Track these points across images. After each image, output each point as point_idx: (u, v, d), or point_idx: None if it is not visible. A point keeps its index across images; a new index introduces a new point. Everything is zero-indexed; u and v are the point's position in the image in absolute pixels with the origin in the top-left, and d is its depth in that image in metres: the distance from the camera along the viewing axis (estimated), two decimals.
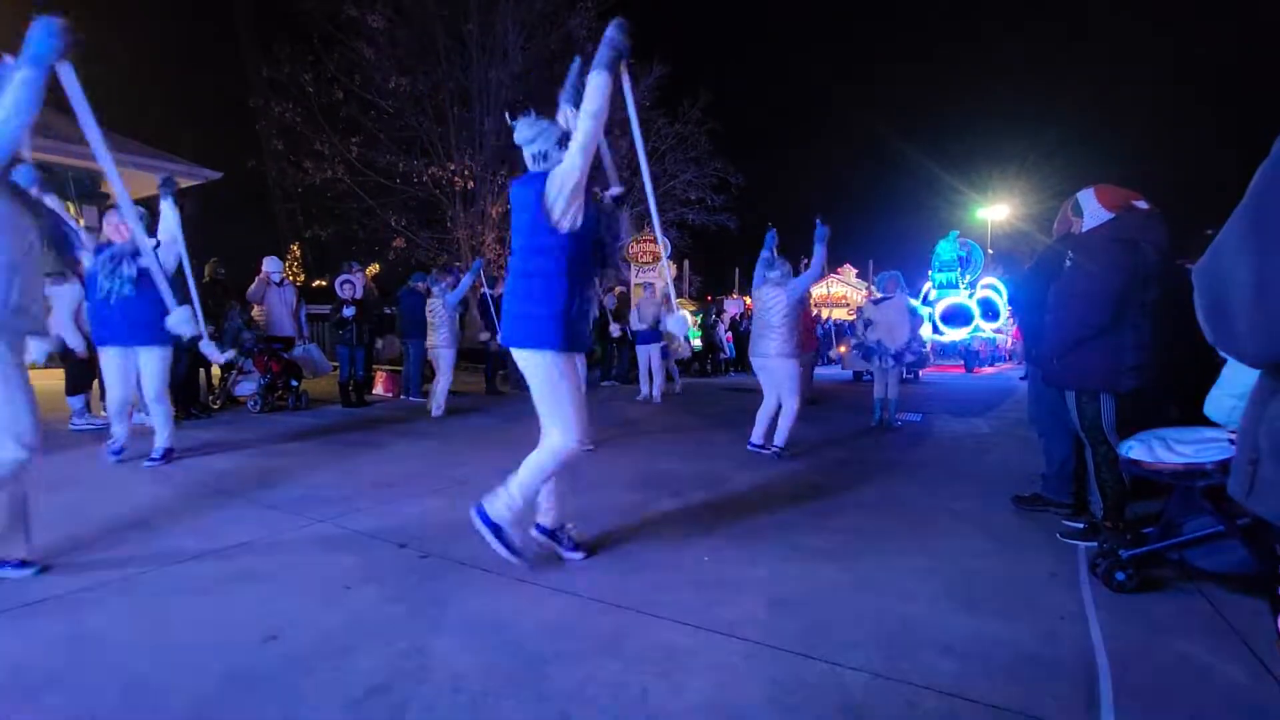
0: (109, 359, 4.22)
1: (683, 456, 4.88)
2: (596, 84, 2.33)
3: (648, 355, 8.58)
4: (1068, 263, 2.91)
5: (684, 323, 2.94)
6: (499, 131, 14.34)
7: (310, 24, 13.50)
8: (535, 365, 2.45)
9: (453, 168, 14.51)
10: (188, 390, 6.22)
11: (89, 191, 10.50)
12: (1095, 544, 2.75)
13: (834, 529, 3.11)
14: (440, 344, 7.01)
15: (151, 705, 1.61)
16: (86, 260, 4.07)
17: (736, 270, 23.82)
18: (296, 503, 3.39)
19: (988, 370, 15.93)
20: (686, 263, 19.01)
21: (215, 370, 7.00)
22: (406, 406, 7.46)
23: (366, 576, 2.42)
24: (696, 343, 13.46)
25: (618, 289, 12.47)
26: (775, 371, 4.81)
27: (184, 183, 9.97)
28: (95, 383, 5.70)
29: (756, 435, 4.92)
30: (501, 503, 2.41)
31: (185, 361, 6.08)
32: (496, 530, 2.40)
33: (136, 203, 3.35)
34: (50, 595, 2.21)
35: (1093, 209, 2.78)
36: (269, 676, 1.73)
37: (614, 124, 15.23)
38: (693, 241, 17.90)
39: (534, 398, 2.49)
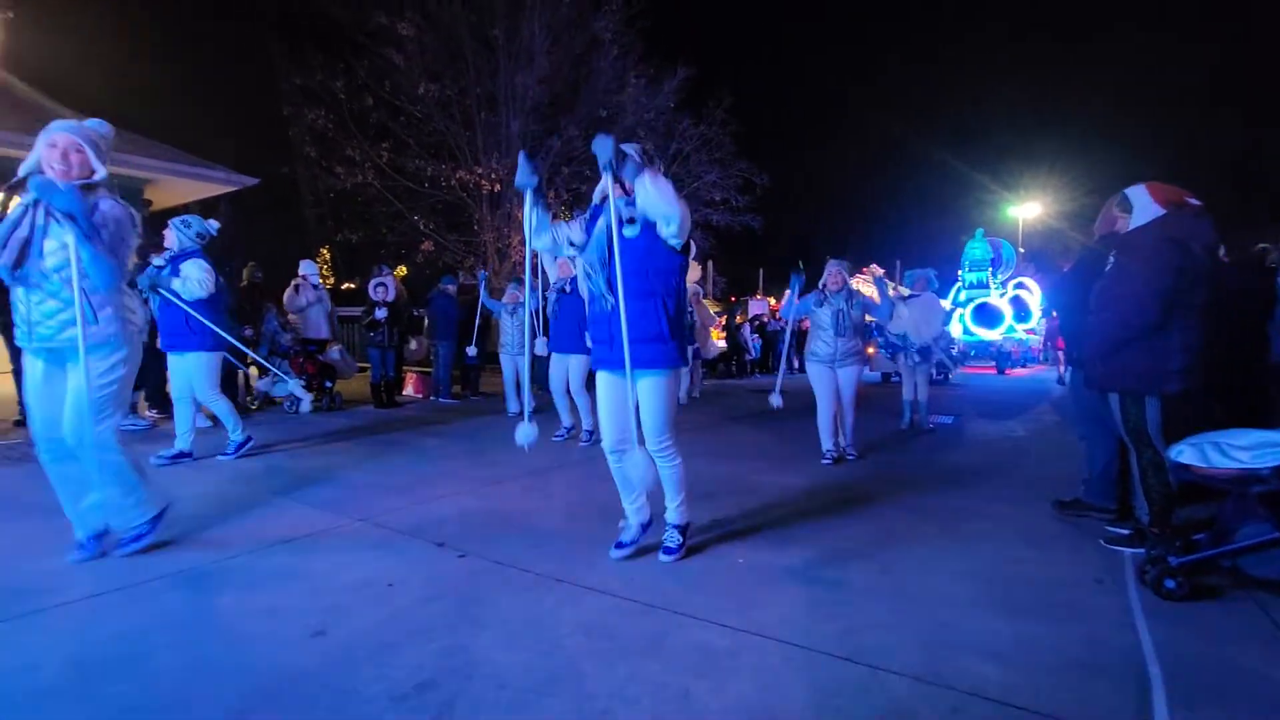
0: (170, 363, 4.54)
1: (712, 458, 4.87)
2: (657, 184, 2.36)
3: None
4: (1110, 262, 2.84)
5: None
6: (525, 135, 14.49)
7: (341, 33, 13.79)
8: (664, 385, 2.57)
9: (479, 171, 14.68)
10: (227, 391, 6.38)
11: (132, 201, 10.84)
12: (1141, 550, 2.68)
13: (868, 532, 3.08)
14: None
15: (206, 695, 1.66)
16: None
17: (761, 271, 23.71)
18: (335, 501, 3.47)
19: (1020, 372, 15.60)
20: (711, 264, 18.97)
21: (254, 372, 7.17)
22: (437, 407, 7.57)
23: (407, 574, 2.47)
24: (721, 343, 13.41)
25: None
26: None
27: (221, 189, 10.22)
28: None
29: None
30: (680, 512, 2.70)
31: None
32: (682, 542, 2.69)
33: (178, 210, 3.48)
34: (106, 590, 2.29)
35: (1144, 204, 2.71)
36: (319, 670, 1.78)
37: (640, 126, 15.29)
38: (717, 242, 17.85)
39: (657, 421, 2.58)
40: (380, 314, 7.36)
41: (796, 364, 12.49)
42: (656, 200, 2.36)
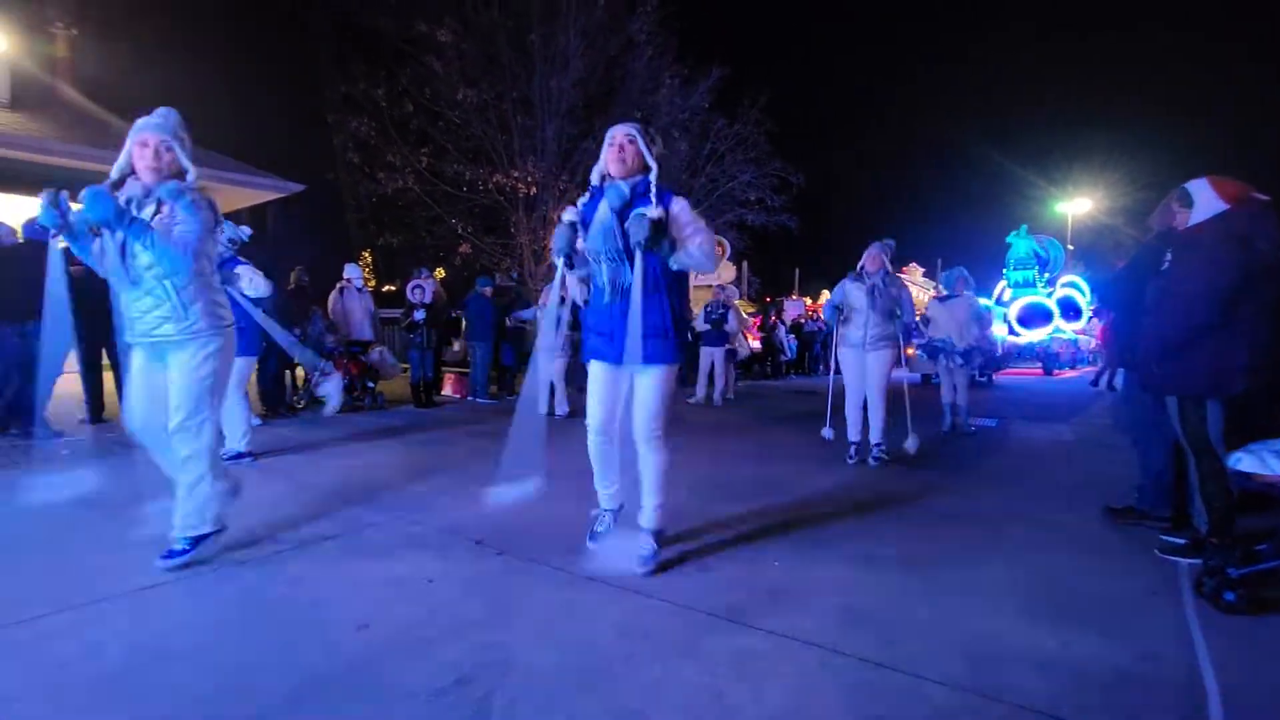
0: None
1: (747, 460, 4.84)
2: (704, 243, 2.42)
3: (710, 357, 8.51)
4: (1167, 260, 2.73)
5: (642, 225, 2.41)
6: (560, 138, 14.63)
7: (383, 41, 14.15)
8: (666, 379, 2.53)
9: (515, 174, 14.88)
10: (275, 390, 6.62)
11: None
12: (1199, 561, 2.56)
13: (907, 537, 3.02)
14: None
15: (262, 684, 1.72)
16: None
17: (797, 271, 23.47)
18: (376, 499, 3.56)
19: (1069, 373, 15.06)
20: (745, 264, 18.83)
21: (300, 372, 7.42)
22: (474, 408, 7.70)
23: (446, 571, 2.52)
24: (756, 344, 13.31)
25: None
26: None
27: (270, 195, 10.62)
28: None
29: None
30: (657, 516, 2.63)
31: (274, 362, 6.49)
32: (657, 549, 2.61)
33: (227, 215, 3.62)
34: (164, 581, 2.40)
35: (1206, 199, 2.59)
36: (363, 663, 1.83)
37: (674, 125, 15.28)
38: (751, 243, 17.72)
39: (652, 410, 2.53)
40: (418, 316, 7.53)
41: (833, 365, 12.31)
42: (699, 259, 2.39)
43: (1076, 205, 24.59)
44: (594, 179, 2.55)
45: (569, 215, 2.55)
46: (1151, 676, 1.81)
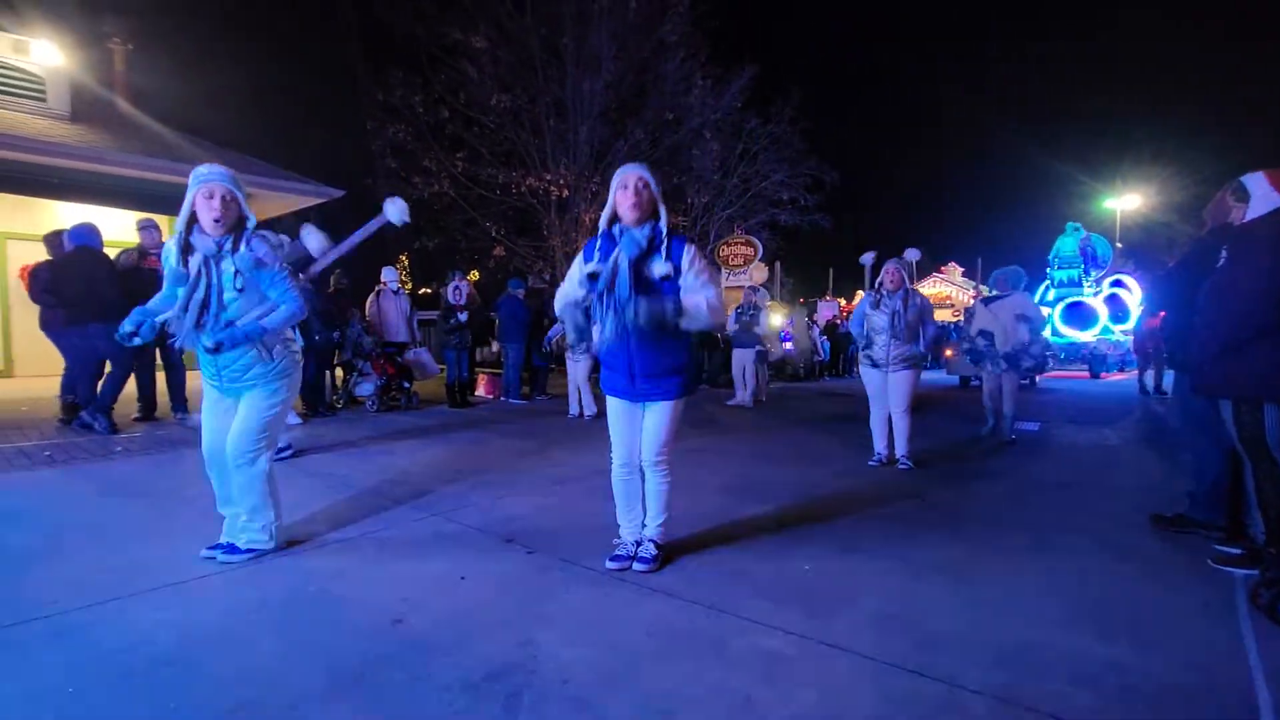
0: None
1: (779, 462, 4.80)
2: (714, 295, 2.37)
3: (742, 360, 8.46)
4: (1222, 256, 2.61)
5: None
6: (592, 140, 14.72)
7: (419, 49, 14.45)
8: (675, 412, 2.55)
9: (548, 177, 15.02)
10: (315, 391, 6.81)
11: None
12: (1255, 572, 2.44)
13: (942, 543, 2.95)
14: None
15: (302, 673, 1.78)
16: None
17: (830, 271, 23.12)
18: (412, 497, 3.64)
19: (1117, 376, 14.51)
20: (778, 264, 18.65)
21: (339, 373, 7.62)
22: (506, 408, 7.80)
23: (479, 569, 2.56)
24: (788, 345, 13.16)
25: None
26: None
27: (311, 201, 10.92)
28: None
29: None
30: (660, 531, 2.64)
31: (314, 364, 6.68)
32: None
33: (268, 223, 3.74)
34: (210, 573, 2.50)
35: (1263, 193, 2.47)
36: (398, 656, 1.88)
37: (706, 126, 15.24)
38: (785, 243, 17.55)
39: (660, 439, 2.53)
40: (463, 317, 7.69)
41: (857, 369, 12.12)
42: (705, 319, 2.33)
43: (1126, 201, 23.69)
44: (603, 224, 2.47)
45: (587, 267, 2.43)
46: (1200, 691, 1.74)
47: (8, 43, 8.82)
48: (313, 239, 4.26)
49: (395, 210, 3.01)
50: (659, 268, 2.36)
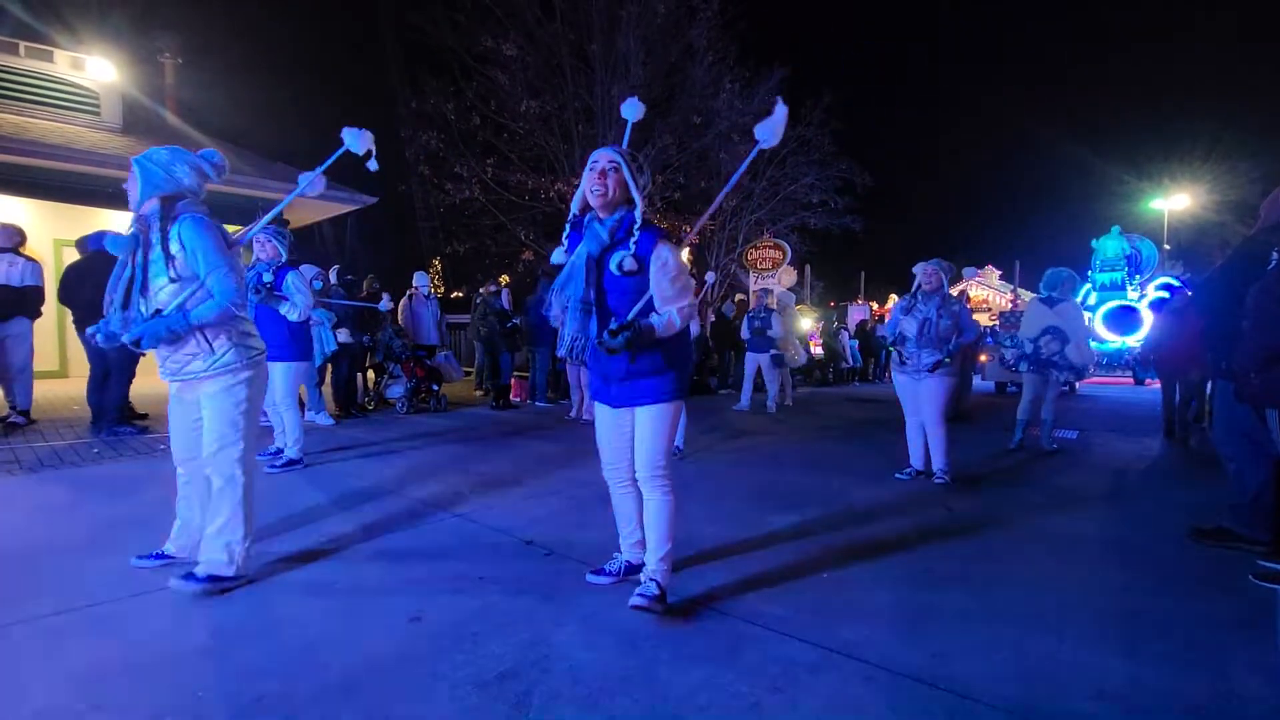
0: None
1: (801, 469, 4.76)
2: (677, 276, 2.15)
3: (756, 363, 8.31)
4: (1275, 256, 2.50)
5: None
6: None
7: (451, 57, 14.74)
8: (663, 417, 2.24)
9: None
10: (347, 392, 6.99)
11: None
12: None
13: (966, 553, 2.89)
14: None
15: (322, 666, 1.84)
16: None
17: (862, 274, 22.78)
18: (436, 497, 3.71)
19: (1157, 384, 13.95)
20: (808, 268, 18.45)
21: (370, 376, 7.81)
22: (533, 410, 7.88)
23: (496, 569, 2.60)
24: (817, 350, 13.00)
25: (737, 296, 12.36)
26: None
27: (346, 208, 11.22)
28: None
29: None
30: (660, 570, 2.27)
31: (346, 365, 6.86)
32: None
33: (304, 228, 3.80)
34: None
35: None
36: (414, 653, 1.92)
37: (734, 129, 15.19)
38: (814, 246, 17.34)
39: (650, 449, 2.24)
40: (518, 320, 7.96)
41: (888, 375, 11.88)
42: (670, 294, 2.11)
43: (1174, 201, 22.80)
44: (574, 207, 2.28)
45: (557, 257, 2.26)
46: (1230, 715, 1.67)
47: (65, 60, 9.28)
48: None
49: (351, 138, 2.95)
50: (626, 262, 2.13)
